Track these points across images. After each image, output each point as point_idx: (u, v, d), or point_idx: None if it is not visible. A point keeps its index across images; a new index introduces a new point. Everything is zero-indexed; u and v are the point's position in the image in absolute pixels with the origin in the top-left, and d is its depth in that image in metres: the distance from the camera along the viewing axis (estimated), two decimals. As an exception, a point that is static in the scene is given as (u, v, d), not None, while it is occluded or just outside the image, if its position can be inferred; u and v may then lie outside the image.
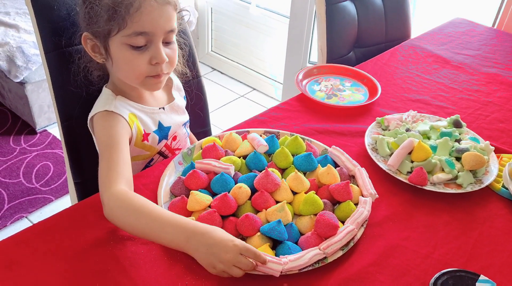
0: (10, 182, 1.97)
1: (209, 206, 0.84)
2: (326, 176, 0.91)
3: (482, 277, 0.75)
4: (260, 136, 1.01)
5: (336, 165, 0.98)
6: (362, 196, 0.89)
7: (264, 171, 0.87)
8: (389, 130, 1.10)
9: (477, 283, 0.74)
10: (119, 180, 0.80)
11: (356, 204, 0.88)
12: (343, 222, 0.84)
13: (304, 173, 0.95)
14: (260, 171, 0.91)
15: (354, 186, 0.91)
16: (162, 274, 0.74)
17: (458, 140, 1.07)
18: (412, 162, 1.00)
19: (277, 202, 0.86)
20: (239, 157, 0.96)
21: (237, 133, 1.03)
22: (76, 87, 0.99)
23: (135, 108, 0.97)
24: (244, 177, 0.90)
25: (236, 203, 0.84)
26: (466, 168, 0.97)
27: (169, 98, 1.07)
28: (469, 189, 0.94)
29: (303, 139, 1.02)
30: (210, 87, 2.80)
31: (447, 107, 1.26)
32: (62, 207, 0.85)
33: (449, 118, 1.13)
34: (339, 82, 1.33)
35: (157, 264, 0.76)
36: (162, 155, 1.05)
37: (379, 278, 0.77)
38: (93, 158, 0.88)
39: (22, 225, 1.81)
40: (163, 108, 1.03)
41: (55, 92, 1.01)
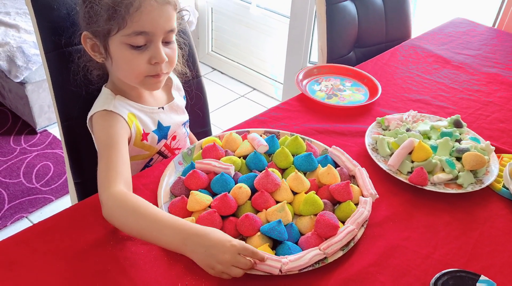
0: (11, 182, 1.97)
1: (209, 206, 0.83)
2: (326, 176, 0.91)
3: (483, 278, 0.75)
4: (260, 136, 1.01)
5: (337, 165, 0.98)
6: (363, 196, 0.89)
7: (264, 171, 0.87)
8: (390, 130, 1.10)
9: (478, 284, 0.74)
10: (118, 181, 0.80)
11: (357, 204, 0.88)
12: (343, 222, 0.84)
13: (304, 173, 0.95)
14: (260, 171, 0.91)
15: (355, 186, 0.91)
16: (162, 275, 0.74)
17: (459, 140, 1.07)
18: (413, 162, 1.00)
19: (277, 202, 0.86)
20: (239, 157, 0.96)
21: (237, 133, 1.03)
22: (76, 87, 0.99)
23: (134, 108, 0.97)
24: (244, 177, 0.90)
25: (236, 203, 0.84)
26: (467, 168, 0.97)
27: (169, 98, 1.07)
28: (470, 189, 0.94)
29: (303, 139, 1.02)
30: (210, 87, 2.80)
31: (448, 107, 1.26)
32: (62, 207, 0.85)
33: (450, 118, 1.13)
34: (340, 82, 1.33)
35: (157, 265, 0.76)
36: (162, 155, 1.05)
37: (380, 279, 0.77)
38: (93, 158, 0.88)
39: (22, 225, 1.81)
40: (163, 108, 1.03)
41: (55, 92, 1.01)
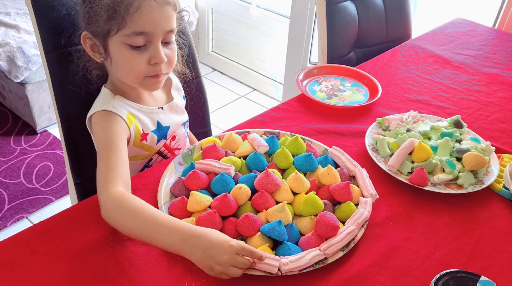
0: (11, 183, 1.97)
1: (209, 207, 0.83)
2: (327, 177, 0.91)
3: (483, 278, 0.75)
4: (261, 137, 1.01)
5: (337, 166, 0.98)
6: (363, 197, 0.89)
7: (265, 172, 0.87)
8: (390, 131, 1.10)
9: (478, 284, 0.74)
10: (117, 181, 0.80)
11: (357, 205, 0.88)
12: (344, 223, 0.84)
13: (305, 174, 0.95)
14: (260, 172, 0.91)
15: (355, 187, 0.91)
16: (162, 275, 0.74)
17: (459, 141, 1.07)
18: (413, 163, 1.00)
19: (277, 203, 0.85)
20: (239, 158, 0.96)
21: (238, 134, 1.03)
22: (75, 86, 0.99)
23: (134, 108, 0.97)
24: (244, 178, 0.90)
25: (236, 204, 0.84)
26: (467, 169, 0.97)
27: (168, 98, 1.07)
28: (470, 190, 0.94)
29: (304, 140, 1.02)
30: (211, 88, 2.80)
31: (448, 108, 1.26)
32: (63, 208, 0.85)
33: (450, 119, 1.13)
34: (340, 83, 1.33)
35: (157, 265, 0.76)
36: (161, 155, 1.05)
37: (380, 279, 0.77)
38: (93, 159, 0.88)
39: (23, 226, 1.81)
40: (162, 108, 1.03)
41: (55, 93, 1.01)
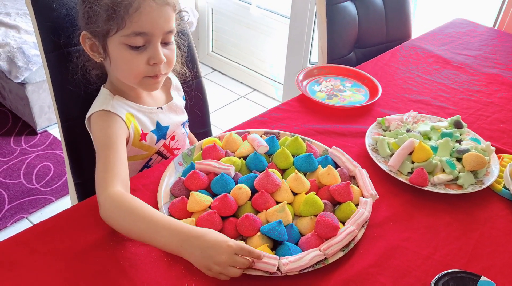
0: (11, 183, 1.97)
1: (209, 207, 0.83)
2: (327, 177, 0.91)
3: (483, 278, 0.74)
4: (261, 137, 1.01)
5: (337, 166, 0.98)
6: (363, 197, 0.89)
7: (265, 172, 0.87)
8: (390, 131, 1.09)
9: (478, 284, 0.74)
10: (116, 181, 0.80)
11: (357, 205, 0.87)
12: (344, 223, 0.84)
13: (305, 174, 0.95)
14: (261, 172, 0.91)
15: (355, 187, 0.91)
16: (162, 275, 0.74)
17: (459, 141, 1.06)
18: (413, 163, 0.99)
19: (278, 203, 0.85)
20: (239, 158, 0.96)
21: (238, 134, 1.03)
22: (74, 86, 0.99)
23: (133, 108, 0.97)
24: (244, 178, 0.90)
25: (236, 204, 0.84)
26: (467, 169, 0.97)
27: (168, 98, 1.07)
28: (470, 190, 0.94)
29: (304, 140, 1.02)
30: (211, 88, 2.80)
31: (448, 108, 1.26)
32: (63, 208, 0.85)
33: (450, 119, 1.13)
34: (340, 83, 1.33)
35: (157, 265, 0.76)
36: (161, 155, 1.05)
37: (380, 279, 0.77)
38: (93, 159, 0.88)
39: (23, 226, 1.81)
40: (161, 108, 1.03)
41: (55, 93, 1.01)
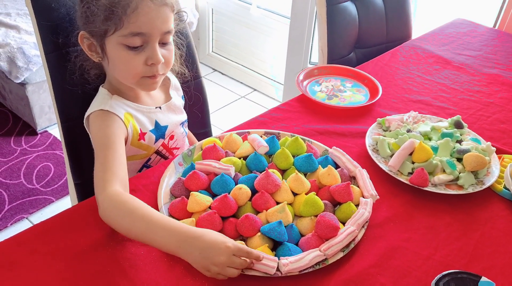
0: (11, 183, 1.97)
1: (209, 207, 0.83)
2: (327, 177, 0.91)
3: (484, 279, 0.74)
4: (261, 137, 1.01)
5: (337, 166, 0.98)
6: (363, 197, 0.89)
7: (265, 172, 0.87)
8: (390, 131, 1.09)
9: (479, 285, 0.74)
10: (114, 181, 0.80)
11: (357, 205, 0.87)
12: (344, 224, 0.84)
13: (305, 174, 0.94)
14: (261, 172, 0.91)
15: (355, 187, 0.91)
16: (162, 276, 0.74)
17: (459, 141, 1.06)
18: (413, 163, 0.99)
19: (278, 203, 0.85)
20: (240, 158, 0.95)
21: (238, 134, 1.02)
22: (73, 85, 0.99)
23: (131, 107, 0.97)
24: (245, 178, 0.90)
25: (236, 204, 0.84)
26: (468, 169, 0.97)
27: (167, 98, 1.07)
28: (471, 190, 0.94)
29: (304, 140, 1.02)
30: (211, 88, 2.80)
31: (448, 108, 1.26)
32: (63, 208, 0.85)
33: (450, 119, 1.13)
34: (340, 83, 1.33)
35: (157, 266, 0.76)
36: (160, 155, 1.05)
37: (380, 280, 0.77)
38: (93, 159, 0.88)
39: (23, 226, 1.81)
40: (160, 108, 1.03)
41: (55, 93, 1.01)
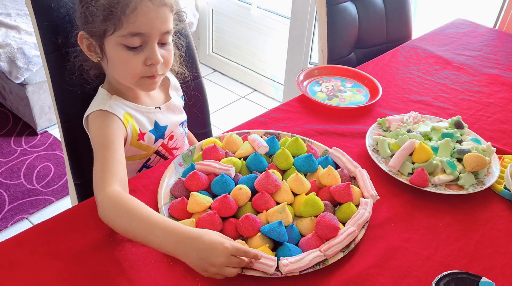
0: (11, 183, 1.97)
1: (209, 208, 0.83)
2: (327, 178, 0.91)
3: (484, 279, 0.74)
4: (261, 137, 1.01)
5: (337, 167, 0.98)
6: (363, 198, 0.89)
7: (265, 172, 0.87)
8: (390, 131, 1.09)
9: (479, 285, 0.74)
10: (113, 181, 0.80)
11: (357, 206, 0.87)
12: (344, 224, 0.83)
13: (305, 175, 0.94)
14: (261, 173, 0.91)
15: (355, 188, 0.91)
16: (162, 276, 0.74)
17: (460, 141, 1.06)
18: (413, 164, 0.99)
19: (278, 204, 0.85)
20: (240, 159, 0.95)
21: (238, 134, 1.02)
22: (72, 86, 0.99)
23: (131, 108, 0.97)
24: (245, 179, 0.90)
25: (237, 205, 0.84)
26: (468, 170, 0.97)
27: (166, 98, 1.07)
28: (471, 191, 0.94)
29: (304, 140, 1.02)
30: (211, 88, 2.80)
31: (449, 108, 1.25)
32: (63, 208, 0.85)
33: (451, 119, 1.13)
34: (340, 83, 1.33)
35: (157, 266, 0.76)
36: (159, 155, 1.05)
37: (380, 280, 0.77)
38: (93, 160, 0.88)
39: (23, 226, 1.81)
40: (159, 108, 1.03)
41: (55, 93, 1.01)
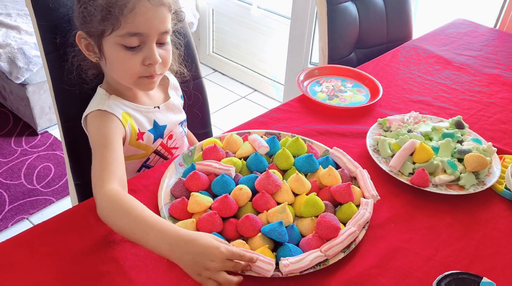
0: (11, 184, 1.97)
1: (210, 208, 0.83)
2: (328, 178, 0.91)
3: (485, 280, 0.74)
4: (261, 137, 1.00)
5: (338, 167, 0.97)
6: (364, 198, 0.89)
7: (265, 173, 0.86)
8: (391, 131, 1.09)
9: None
10: (112, 180, 0.80)
11: (358, 206, 0.87)
12: (345, 224, 0.83)
13: (305, 175, 0.94)
14: (261, 173, 0.91)
15: (356, 188, 0.90)
16: (162, 277, 0.74)
17: (460, 141, 1.06)
18: (414, 164, 0.99)
19: (278, 204, 0.85)
20: (240, 159, 0.95)
21: (238, 134, 1.02)
22: (70, 85, 0.99)
23: (129, 107, 0.97)
24: (245, 179, 0.90)
25: (237, 205, 0.84)
26: (468, 170, 0.96)
27: (165, 97, 1.07)
28: (472, 191, 0.94)
29: (304, 140, 1.01)
30: (211, 88, 2.80)
31: (449, 108, 1.25)
32: (63, 209, 0.85)
33: (451, 119, 1.12)
34: (341, 83, 1.33)
35: (157, 267, 0.75)
36: (158, 154, 1.05)
37: (381, 281, 0.76)
38: (93, 160, 0.88)
39: (23, 227, 1.81)
40: (158, 107, 1.03)
41: (56, 93, 1.01)
